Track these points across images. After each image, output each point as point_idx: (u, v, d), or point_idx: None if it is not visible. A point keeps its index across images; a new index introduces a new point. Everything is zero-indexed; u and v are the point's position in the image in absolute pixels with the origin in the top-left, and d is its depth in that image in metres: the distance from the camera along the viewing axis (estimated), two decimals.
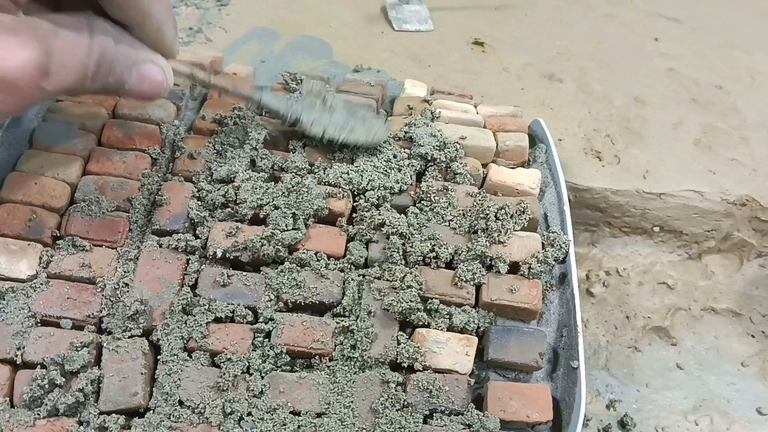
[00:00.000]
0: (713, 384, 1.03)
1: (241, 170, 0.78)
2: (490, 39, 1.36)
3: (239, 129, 0.82)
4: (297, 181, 0.77)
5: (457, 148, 0.84)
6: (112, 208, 0.75)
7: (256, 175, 0.78)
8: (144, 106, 0.83)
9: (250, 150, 0.80)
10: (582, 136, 1.16)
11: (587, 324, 1.08)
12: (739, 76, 1.34)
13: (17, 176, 0.75)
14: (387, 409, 0.67)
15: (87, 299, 0.69)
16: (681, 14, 1.51)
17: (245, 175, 0.78)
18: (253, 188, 0.76)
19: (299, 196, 0.76)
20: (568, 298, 0.77)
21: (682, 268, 1.14)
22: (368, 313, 0.71)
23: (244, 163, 0.80)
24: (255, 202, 0.76)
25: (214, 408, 0.65)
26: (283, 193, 0.76)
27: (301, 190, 0.76)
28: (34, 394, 0.63)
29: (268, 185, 0.77)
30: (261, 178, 0.78)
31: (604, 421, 0.97)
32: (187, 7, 1.35)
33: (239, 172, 0.78)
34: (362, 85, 0.97)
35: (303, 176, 0.79)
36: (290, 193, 0.76)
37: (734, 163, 1.15)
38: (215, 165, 0.79)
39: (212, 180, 0.78)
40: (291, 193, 0.76)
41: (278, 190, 0.77)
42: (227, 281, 0.71)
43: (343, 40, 1.31)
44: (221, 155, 0.80)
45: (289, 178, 0.77)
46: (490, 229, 0.77)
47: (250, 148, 0.80)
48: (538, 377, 0.75)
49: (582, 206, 1.10)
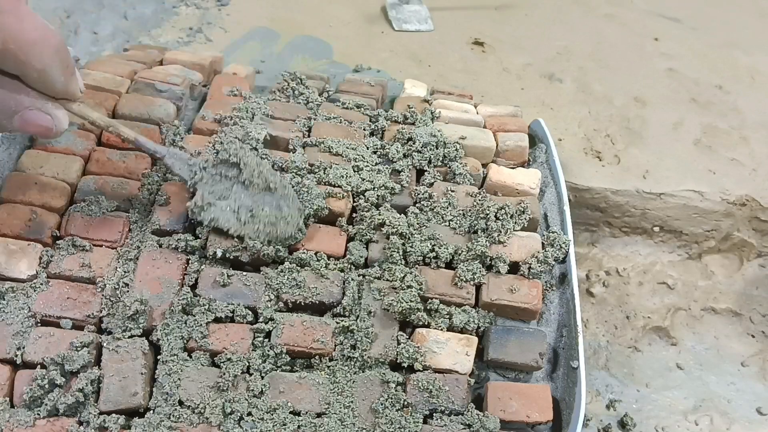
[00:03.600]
0: (713, 384, 1.03)
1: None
2: (490, 39, 1.36)
3: (239, 129, 0.82)
4: (297, 181, 0.77)
5: (457, 148, 0.84)
6: (112, 208, 0.75)
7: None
8: (144, 107, 0.83)
9: (250, 150, 0.80)
10: (582, 136, 1.16)
11: (587, 324, 1.08)
12: (739, 76, 1.34)
13: (17, 176, 0.75)
14: (387, 409, 0.67)
15: (87, 299, 0.69)
16: (681, 14, 1.51)
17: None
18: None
19: (299, 195, 0.76)
20: (568, 298, 0.77)
21: (682, 268, 1.14)
22: (368, 313, 0.71)
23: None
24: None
25: (214, 408, 0.65)
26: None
27: (301, 190, 0.76)
28: (34, 394, 0.63)
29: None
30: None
31: (604, 421, 0.97)
32: (187, 7, 1.35)
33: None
34: (362, 85, 0.97)
35: (303, 176, 0.79)
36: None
37: (734, 163, 1.15)
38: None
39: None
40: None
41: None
42: (227, 281, 0.71)
43: (343, 40, 1.31)
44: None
45: (289, 178, 0.77)
46: (490, 229, 0.77)
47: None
48: (538, 377, 0.75)
49: (582, 206, 1.10)
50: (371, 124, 0.88)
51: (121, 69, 0.89)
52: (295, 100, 0.91)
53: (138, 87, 0.86)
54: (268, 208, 0.72)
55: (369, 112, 0.90)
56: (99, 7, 1.32)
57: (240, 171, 0.73)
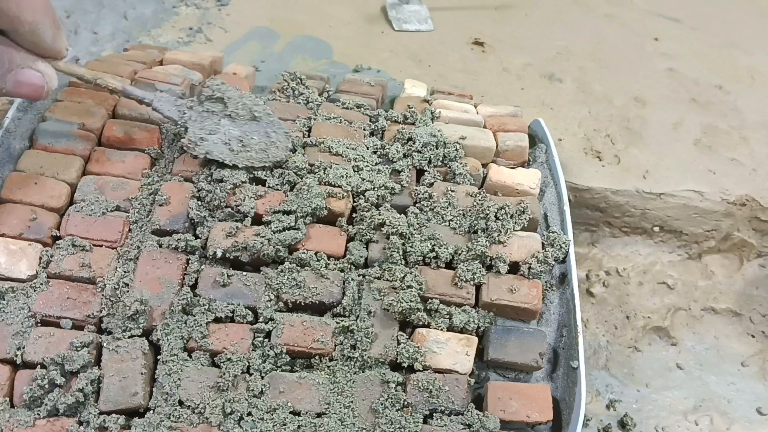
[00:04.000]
0: (713, 384, 1.03)
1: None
2: (490, 39, 1.36)
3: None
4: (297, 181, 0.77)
5: (457, 148, 0.84)
6: (112, 208, 0.75)
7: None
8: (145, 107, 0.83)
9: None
10: (582, 136, 1.16)
11: (587, 324, 1.08)
12: (739, 76, 1.34)
13: (17, 176, 0.75)
14: (387, 409, 0.67)
15: (87, 299, 0.69)
16: (681, 14, 1.51)
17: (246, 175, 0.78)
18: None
19: (299, 195, 0.76)
20: (568, 298, 0.77)
21: (682, 268, 1.14)
22: (368, 313, 0.71)
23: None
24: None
25: (214, 408, 0.65)
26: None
27: (301, 189, 0.76)
28: (34, 394, 0.63)
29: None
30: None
31: (604, 421, 0.97)
32: (187, 7, 1.35)
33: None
34: (362, 85, 0.97)
35: (303, 176, 0.79)
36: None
37: (734, 163, 1.15)
38: (215, 165, 0.79)
39: (212, 180, 0.78)
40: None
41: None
42: (227, 281, 0.71)
43: (343, 40, 1.31)
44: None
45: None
46: (490, 229, 0.77)
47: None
48: (538, 377, 0.75)
49: (582, 206, 1.10)
50: (371, 124, 0.88)
51: (121, 69, 0.89)
52: (295, 100, 0.91)
53: (138, 87, 0.86)
54: (257, 136, 0.77)
55: (369, 112, 0.90)
56: (99, 7, 1.32)
57: (225, 105, 0.78)
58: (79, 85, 0.85)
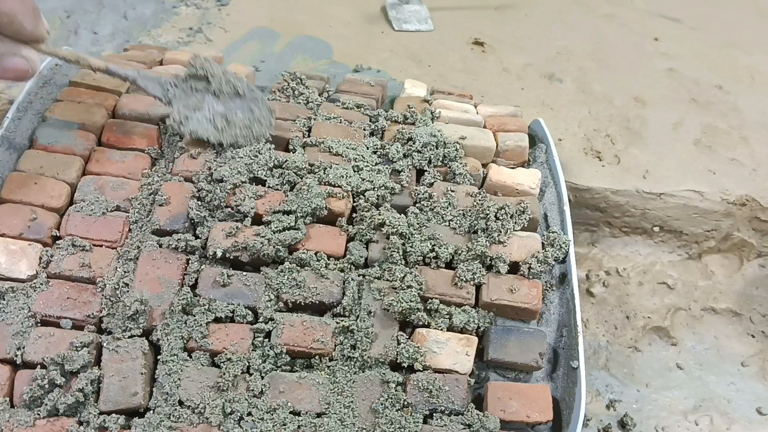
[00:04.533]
0: (713, 384, 1.03)
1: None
2: (490, 39, 1.36)
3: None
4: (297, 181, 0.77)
5: (457, 148, 0.84)
6: (112, 208, 0.75)
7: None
8: (144, 107, 0.83)
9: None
10: (582, 136, 1.16)
11: (587, 324, 1.08)
12: (739, 76, 1.34)
13: (17, 176, 0.75)
14: (387, 409, 0.67)
15: (87, 299, 0.69)
16: (681, 14, 1.51)
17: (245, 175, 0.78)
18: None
19: (299, 195, 0.76)
20: (568, 298, 0.77)
21: (682, 268, 1.14)
22: (368, 313, 0.71)
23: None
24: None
25: (214, 408, 0.65)
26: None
27: (301, 189, 0.76)
28: (34, 394, 0.63)
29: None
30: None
31: (604, 421, 0.97)
32: (187, 7, 1.35)
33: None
34: (362, 85, 0.97)
35: (303, 176, 0.79)
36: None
37: (734, 163, 1.15)
38: (215, 165, 0.79)
39: (212, 180, 0.78)
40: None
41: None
42: (227, 281, 0.71)
43: (343, 40, 1.31)
44: (221, 155, 0.80)
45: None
46: (490, 229, 0.77)
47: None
48: (538, 377, 0.75)
49: (582, 206, 1.10)
50: (371, 124, 0.88)
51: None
52: (295, 100, 0.91)
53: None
54: (241, 113, 0.77)
55: (369, 112, 0.90)
56: (99, 7, 1.32)
57: (209, 82, 0.78)
58: (79, 85, 0.85)
